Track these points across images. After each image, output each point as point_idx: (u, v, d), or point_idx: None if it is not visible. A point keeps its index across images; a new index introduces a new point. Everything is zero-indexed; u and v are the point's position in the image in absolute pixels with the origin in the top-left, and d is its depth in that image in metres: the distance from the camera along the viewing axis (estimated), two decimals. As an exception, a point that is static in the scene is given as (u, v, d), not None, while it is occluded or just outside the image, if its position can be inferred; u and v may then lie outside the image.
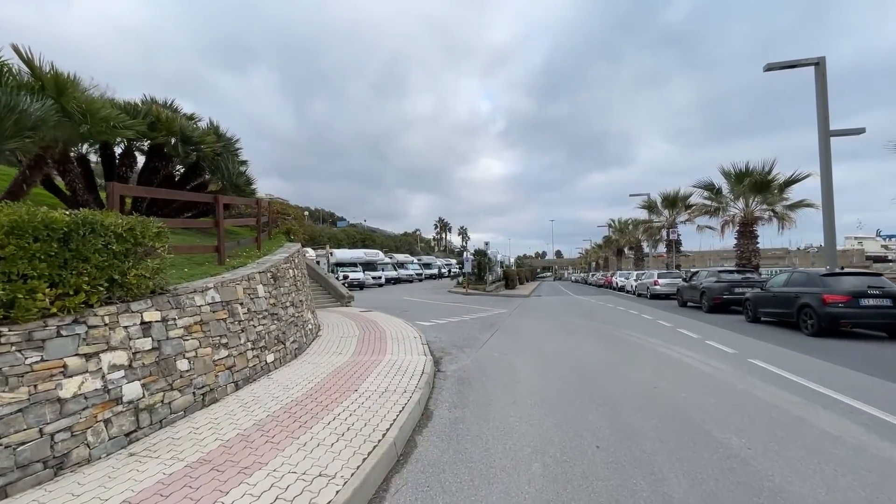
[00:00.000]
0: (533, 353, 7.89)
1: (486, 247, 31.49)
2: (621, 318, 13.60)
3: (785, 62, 12.70)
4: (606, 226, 52.24)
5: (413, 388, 5.06)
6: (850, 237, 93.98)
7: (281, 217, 12.58)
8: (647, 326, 11.33)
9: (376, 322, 11.55)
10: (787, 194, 16.16)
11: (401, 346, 8.13)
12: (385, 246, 55.15)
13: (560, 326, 11.62)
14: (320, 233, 41.96)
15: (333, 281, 17.76)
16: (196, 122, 9.69)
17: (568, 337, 9.75)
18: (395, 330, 10.07)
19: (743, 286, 13.90)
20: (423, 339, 9.06)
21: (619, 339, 9.37)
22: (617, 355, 7.55)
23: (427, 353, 7.53)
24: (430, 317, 13.95)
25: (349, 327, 10.57)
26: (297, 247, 9.70)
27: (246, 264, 6.93)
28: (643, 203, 30.04)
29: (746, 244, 16.91)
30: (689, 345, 8.42)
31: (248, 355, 5.59)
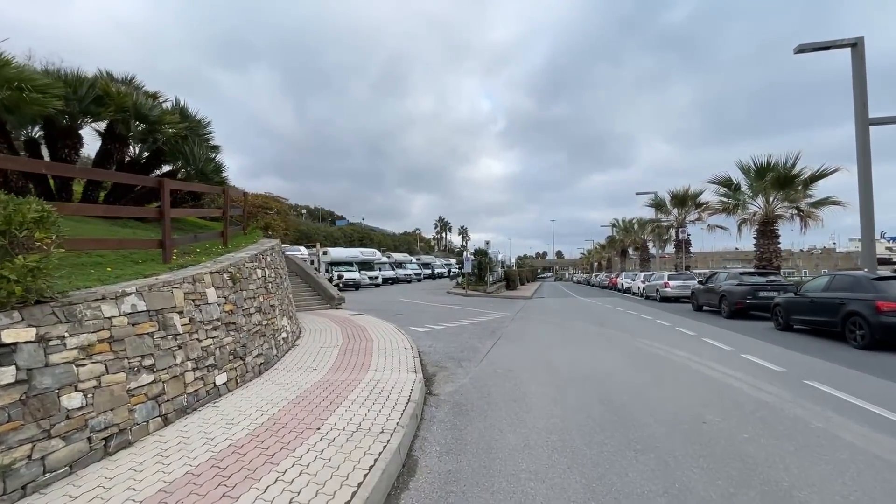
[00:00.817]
0: (543, 369, 6.71)
1: (487, 246, 30.31)
2: (635, 323, 12.42)
3: (818, 43, 11.52)
4: (610, 225, 51.05)
5: (393, 427, 3.88)
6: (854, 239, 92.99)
7: (262, 211, 11.41)
8: (666, 334, 10.15)
9: (365, 328, 10.37)
10: (812, 191, 15.01)
11: (388, 359, 6.95)
12: (383, 245, 53.94)
13: (570, 333, 10.44)
14: (316, 231, 40.78)
15: (323, 281, 16.59)
16: (159, 101, 8.51)
17: (580, 347, 8.57)
18: (385, 338, 8.90)
19: (768, 290, 12.72)
20: (415, 349, 7.88)
21: (639, 350, 8.19)
22: (643, 373, 6.36)
23: (417, 368, 6.36)
24: (426, 321, 12.77)
25: (333, 335, 9.39)
26: (273, 243, 8.53)
27: (200, 262, 5.75)
28: (651, 202, 28.84)
29: (767, 244, 15.73)
30: (723, 359, 7.24)
31: (187, 378, 4.41)
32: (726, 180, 16.53)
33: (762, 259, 15.84)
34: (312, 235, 38.45)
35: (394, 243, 59.95)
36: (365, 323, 11.43)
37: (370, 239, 50.18)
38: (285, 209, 12.40)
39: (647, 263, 37.47)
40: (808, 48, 11.41)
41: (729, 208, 16.35)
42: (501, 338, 9.89)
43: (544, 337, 10.06)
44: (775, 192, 15.17)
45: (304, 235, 37.95)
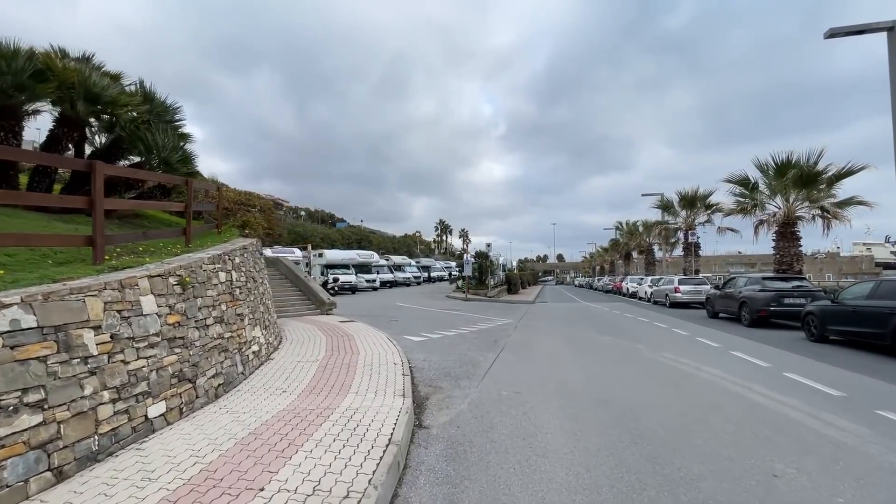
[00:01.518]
0: (555, 391, 5.69)
1: (488, 248, 29.30)
2: (649, 332, 11.39)
3: (851, 27, 10.55)
4: (614, 228, 50.03)
5: (363, 488, 2.85)
6: (857, 243, 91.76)
7: (243, 208, 10.41)
8: (688, 346, 9.13)
9: (353, 338, 9.35)
10: (836, 190, 14.00)
11: (373, 378, 5.93)
12: (382, 247, 52.91)
13: (580, 344, 9.42)
14: (312, 232, 39.77)
15: (314, 285, 15.58)
16: (121, 83, 7.54)
17: (595, 362, 7.55)
18: (373, 350, 7.88)
19: (794, 296, 11.69)
20: (407, 364, 6.86)
21: (662, 366, 7.17)
22: (675, 398, 5.34)
23: (407, 390, 5.34)
24: (422, 329, 11.75)
25: (316, 346, 8.38)
26: (247, 242, 7.54)
27: (144, 264, 4.75)
28: (657, 203, 27.82)
29: (787, 247, 14.70)
30: (765, 379, 6.21)
31: (102, 414, 3.41)
32: (743, 179, 15.51)
33: (782, 263, 14.80)
34: (309, 237, 37.48)
35: (393, 246, 58.91)
36: (354, 331, 10.41)
37: (369, 241, 49.15)
38: (269, 207, 11.41)
39: (652, 267, 36.42)
40: (840, 32, 10.43)
41: (746, 208, 15.31)
42: (505, 349, 8.87)
43: (552, 348, 9.04)
44: (797, 191, 14.15)
45: (300, 237, 36.97)
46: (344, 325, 11.71)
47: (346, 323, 12.14)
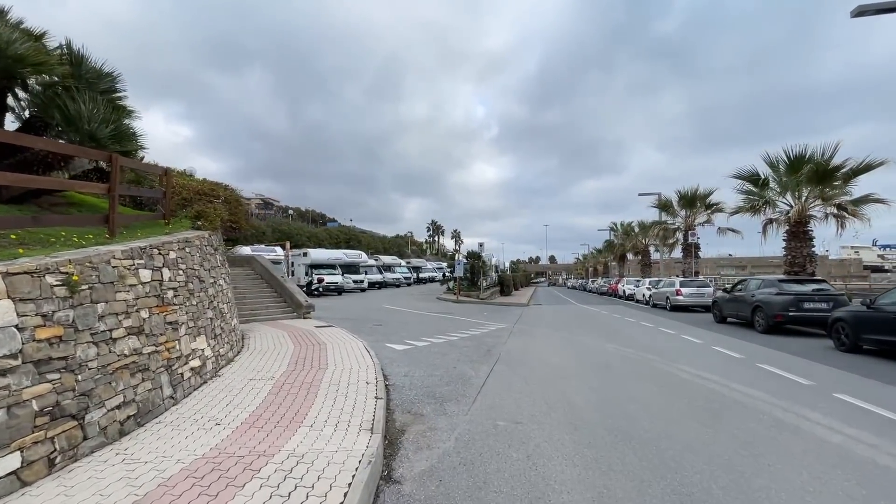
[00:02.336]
0: (564, 421, 4.54)
1: (481, 248, 28.19)
2: (657, 340, 10.32)
3: (879, 4, 9.60)
4: (608, 229, 49.24)
5: None
6: (846, 247, 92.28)
7: (205, 198, 9.16)
8: (706, 357, 8.06)
9: (326, 347, 8.14)
10: (852, 187, 13.12)
11: (337, 403, 4.74)
12: (372, 247, 51.52)
13: (584, 355, 8.30)
14: (299, 231, 38.33)
15: (291, 286, 14.31)
16: (40, 42, 6.26)
17: (605, 378, 6.42)
18: (346, 363, 6.68)
19: (815, 300, 10.70)
20: (382, 383, 5.68)
21: (686, 384, 6.06)
22: (721, 433, 4.22)
23: (377, 421, 4.16)
24: (407, 335, 10.57)
25: (279, 357, 7.15)
26: (192, 235, 6.29)
27: (17, 257, 3.52)
28: (655, 202, 26.91)
29: (800, 247, 13.76)
30: (815, 402, 5.13)
31: None
32: (752, 175, 14.54)
33: (794, 264, 13.85)
34: (294, 236, 36.06)
35: (383, 246, 57.52)
36: (330, 338, 9.19)
37: (358, 241, 47.74)
38: (236, 199, 10.18)
39: (648, 269, 35.57)
40: (870, 9, 9.48)
41: (757, 206, 14.35)
42: (499, 361, 7.72)
43: (553, 360, 7.90)
44: (811, 188, 13.22)
45: (285, 235, 35.52)
46: (320, 330, 10.48)
47: (323, 328, 10.91)
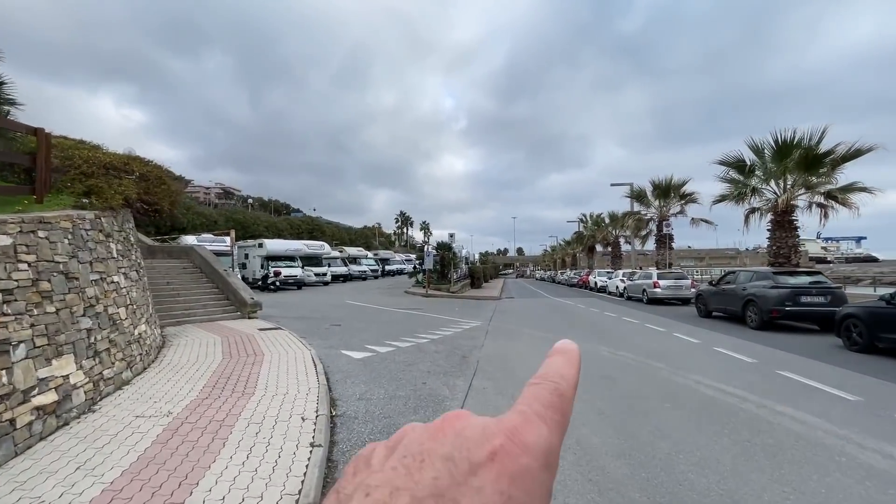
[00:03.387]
0: (581, 478, 3.22)
1: (451, 239, 26.81)
2: (651, 340, 9.28)
3: None
4: (577, 221, 49.05)
5: None
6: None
7: (113, 173, 7.24)
8: (715, 363, 7.01)
9: (262, 359, 6.51)
10: (838, 174, 12.57)
11: (250, 461, 3.21)
12: (337, 239, 49.10)
13: (582, 366, 7.06)
14: (255, 221, 35.63)
15: (235, 281, 12.43)
16: None
17: (614, 397, 5.17)
18: (281, 384, 5.10)
19: (813, 294, 9.95)
20: (327, 416, 4.17)
21: (714, 405, 4.89)
22: (804, 494, 3.00)
23: (305, 496, 2.68)
24: (370, 338, 9.05)
25: (194, 376, 5.49)
26: (54, 215, 4.53)
27: None
28: (629, 192, 26.33)
29: (785, 238, 13.17)
30: (879, 428, 4.05)
31: None
32: (738, 161, 13.80)
33: (779, 255, 13.27)
34: (250, 226, 33.43)
35: (349, 237, 55.08)
36: (272, 346, 7.56)
37: (322, 232, 45.25)
38: (160, 176, 8.29)
39: (618, 260, 35.33)
40: None
41: (745, 193, 13.65)
42: (478, 372, 6.36)
43: (542, 368, 6.61)
44: (799, 175, 12.59)
45: (239, 225, 32.86)
46: (263, 335, 8.79)
47: (268, 331, 9.22)
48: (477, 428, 0.24)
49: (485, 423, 0.25)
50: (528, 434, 0.24)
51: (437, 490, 0.21)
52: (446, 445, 0.23)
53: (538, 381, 0.28)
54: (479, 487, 0.21)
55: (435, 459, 0.23)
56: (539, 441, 0.24)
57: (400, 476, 0.22)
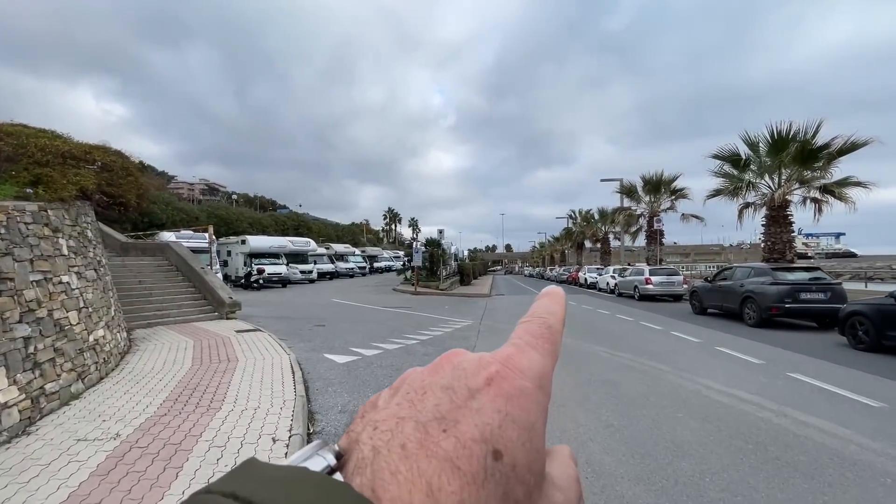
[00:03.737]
0: (593, 502, 2.77)
1: (441, 235, 26.31)
2: (649, 340, 8.92)
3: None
4: (566, 217, 48.96)
5: None
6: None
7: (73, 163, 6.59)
8: (722, 364, 6.65)
9: (235, 365, 5.95)
10: (835, 168, 12.38)
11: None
12: (324, 235, 48.15)
13: (576, 364, 6.63)
14: (238, 217, 34.52)
15: (213, 280, 11.76)
16: None
17: (620, 404, 4.75)
18: (252, 397, 4.56)
19: (813, 290, 9.70)
20: (302, 437, 3.66)
21: (731, 414, 4.49)
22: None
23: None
24: (356, 339, 8.53)
25: (156, 386, 4.91)
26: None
27: None
28: (619, 188, 26.08)
29: (780, 233, 12.98)
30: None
31: None
32: (733, 155, 13.55)
33: (773, 251, 13.07)
34: (233, 222, 32.41)
35: (336, 234, 54.09)
36: (248, 350, 6.99)
37: (308, 228, 44.22)
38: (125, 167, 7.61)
39: (607, 256, 35.25)
40: None
41: (740, 188, 13.40)
42: (472, 377, 5.88)
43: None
44: (794, 169, 12.37)
45: (222, 221, 31.82)
46: (240, 337, 8.21)
47: (246, 333, 8.63)
48: (473, 360, 0.26)
49: (481, 356, 0.26)
50: (522, 360, 0.25)
51: (438, 414, 0.22)
52: (445, 377, 0.25)
53: (528, 319, 0.29)
54: (477, 408, 0.23)
55: (436, 389, 0.24)
56: (532, 365, 0.25)
57: (404, 408, 0.23)
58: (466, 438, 0.21)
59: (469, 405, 0.23)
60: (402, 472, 0.20)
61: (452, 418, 0.22)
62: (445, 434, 0.21)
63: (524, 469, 0.22)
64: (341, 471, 0.21)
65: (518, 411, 0.23)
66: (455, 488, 0.19)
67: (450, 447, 0.21)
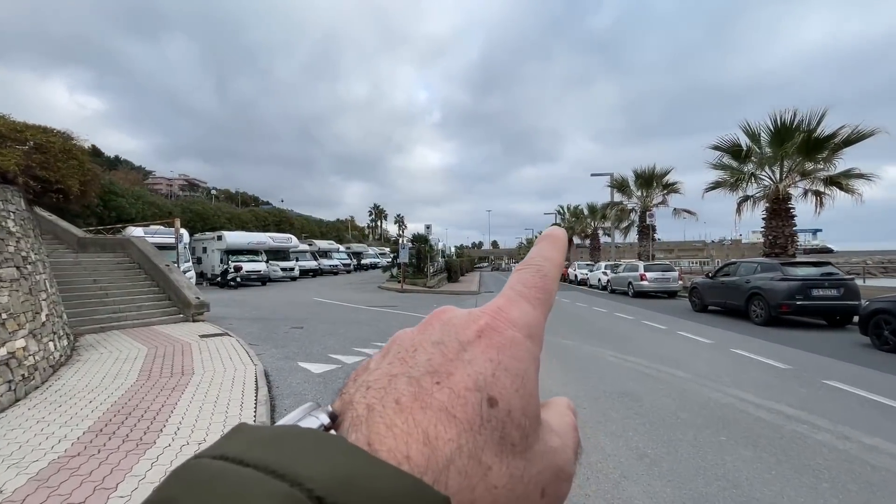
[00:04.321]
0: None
1: (428, 231, 25.43)
2: (657, 341, 8.25)
3: None
4: (554, 213, 48.55)
5: None
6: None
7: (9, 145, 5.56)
8: (745, 371, 5.98)
9: (188, 381, 5.02)
10: (838, 159, 11.92)
11: None
12: (307, 231, 46.75)
13: (584, 372, 5.88)
14: (215, 212, 32.95)
15: (178, 278, 10.69)
16: None
17: (648, 424, 4.00)
18: (199, 428, 3.66)
19: (825, 287, 9.15)
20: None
21: (783, 436, 3.77)
22: None
23: None
24: (335, 344, 7.65)
25: (78, 414, 3.96)
26: None
27: None
28: (609, 182, 25.59)
29: (781, 226, 12.48)
30: None
31: None
32: (734, 146, 12.98)
33: (775, 245, 12.58)
34: (210, 217, 30.93)
35: (320, 230, 52.60)
36: (208, 359, 6.05)
37: (290, 224, 42.75)
38: (66, 149, 6.56)
39: (597, 252, 34.86)
40: None
41: (743, 179, 12.84)
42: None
43: (544, 382, 5.41)
44: (798, 161, 11.86)
45: (198, 217, 30.32)
46: (204, 343, 7.24)
47: (212, 338, 7.67)
48: (463, 315, 0.26)
49: (470, 311, 0.26)
50: (512, 311, 0.25)
51: (431, 368, 0.22)
52: (435, 333, 0.25)
53: (522, 267, 0.29)
54: (469, 360, 0.23)
55: (426, 345, 0.24)
56: (523, 316, 0.25)
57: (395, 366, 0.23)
58: (460, 388, 0.21)
59: (461, 357, 0.23)
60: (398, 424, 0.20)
61: (445, 371, 0.22)
62: (439, 386, 0.21)
63: (519, 413, 0.22)
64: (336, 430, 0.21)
65: (510, 360, 0.23)
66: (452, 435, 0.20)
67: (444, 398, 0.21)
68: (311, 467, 0.16)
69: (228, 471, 0.16)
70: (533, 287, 0.27)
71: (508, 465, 0.21)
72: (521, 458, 0.21)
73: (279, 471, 0.16)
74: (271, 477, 0.15)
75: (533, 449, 0.22)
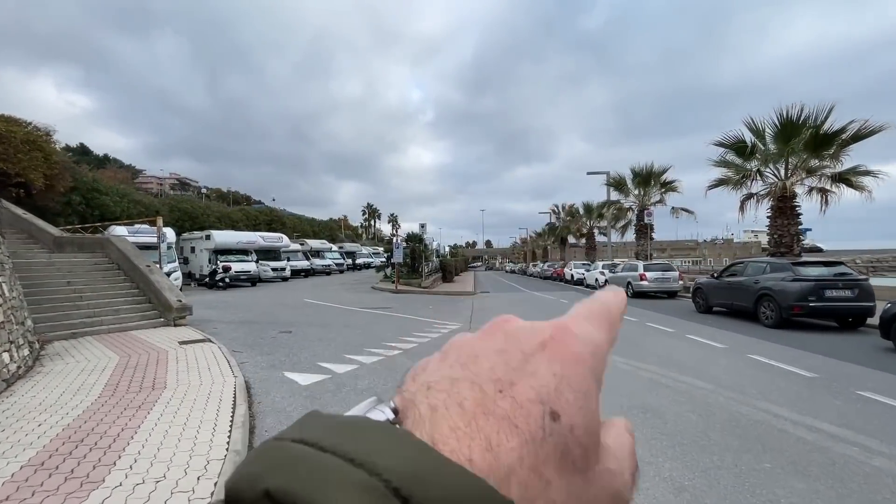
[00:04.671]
0: None
1: (423, 230, 24.89)
2: (668, 346, 7.82)
3: None
4: (549, 212, 48.27)
5: None
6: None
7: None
8: (771, 380, 5.55)
9: (157, 397, 4.46)
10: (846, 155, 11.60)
11: None
12: (299, 231, 45.96)
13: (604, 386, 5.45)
14: (204, 210, 32.10)
15: (159, 280, 10.08)
16: None
17: (678, 447, 3.53)
18: (157, 463, 3.11)
19: (839, 287, 8.77)
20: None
21: (825, 457, 3.33)
22: None
23: None
24: (325, 351, 7.11)
25: (22, 441, 3.41)
26: None
27: None
28: (606, 181, 25.21)
29: (787, 225, 12.14)
30: None
31: None
32: (739, 141, 12.63)
33: (780, 244, 12.25)
34: (199, 216, 30.12)
35: (313, 230, 51.77)
36: (184, 370, 5.50)
37: (282, 224, 41.93)
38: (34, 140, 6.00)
39: (593, 252, 34.55)
40: None
41: (749, 174, 12.44)
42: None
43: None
44: (805, 157, 11.51)
45: (186, 215, 29.50)
46: (182, 350, 6.68)
47: (192, 345, 7.10)
48: (526, 326, 0.25)
49: (533, 323, 0.26)
50: (577, 328, 0.25)
51: (494, 376, 0.22)
52: (498, 342, 0.24)
53: (587, 300, 0.28)
54: (532, 371, 0.22)
55: (489, 353, 0.23)
56: (587, 335, 0.25)
57: (457, 370, 0.23)
58: (523, 399, 0.21)
59: (524, 368, 0.22)
60: (461, 427, 0.20)
61: (508, 380, 0.22)
62: (501, 394, 0.21)
63: (581, 431, 0.21)
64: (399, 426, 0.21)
65: (574, 376, 0.23)
66: (514, 445, 0.19)
67: (507, 406, 0.21)
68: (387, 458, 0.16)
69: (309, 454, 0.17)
70: (598, 315, 0.27)
71: (569, 482, 0.20)
72: (582, 476, 0.21)
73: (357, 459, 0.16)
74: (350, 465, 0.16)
75: (593, 469, 0.22)
